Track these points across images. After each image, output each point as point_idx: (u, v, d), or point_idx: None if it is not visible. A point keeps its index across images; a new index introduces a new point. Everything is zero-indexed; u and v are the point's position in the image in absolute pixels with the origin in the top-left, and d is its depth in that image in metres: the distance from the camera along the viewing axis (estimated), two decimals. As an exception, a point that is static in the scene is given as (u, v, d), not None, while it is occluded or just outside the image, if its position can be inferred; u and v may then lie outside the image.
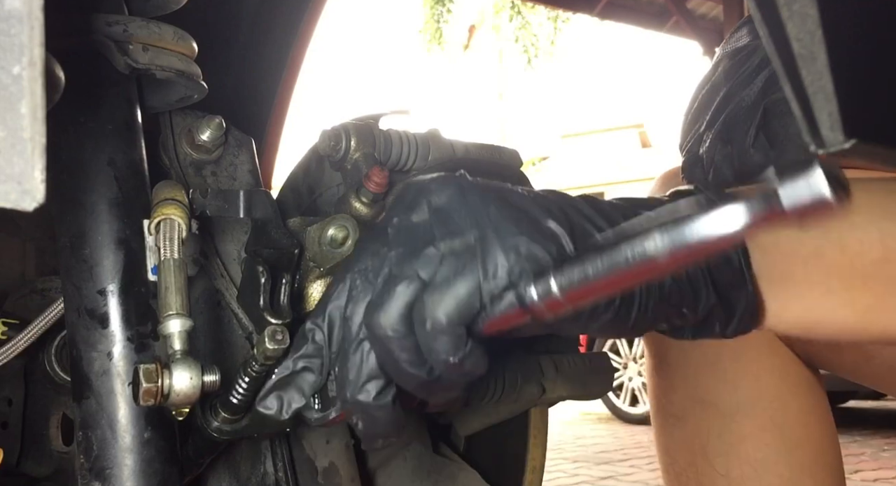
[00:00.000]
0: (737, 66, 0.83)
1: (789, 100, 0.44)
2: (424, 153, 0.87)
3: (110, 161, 0.72)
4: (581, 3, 7.79)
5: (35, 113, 0.35)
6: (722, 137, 0.81)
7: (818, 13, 0.42)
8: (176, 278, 0.65)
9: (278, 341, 0.62)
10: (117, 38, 0.75)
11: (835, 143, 0.42)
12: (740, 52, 0.84)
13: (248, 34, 1.50)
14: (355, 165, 0.82)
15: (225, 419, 0.69)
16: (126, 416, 0.68)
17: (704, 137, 0.84)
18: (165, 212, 0.69)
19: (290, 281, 0.76)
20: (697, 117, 0.86)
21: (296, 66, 1.60)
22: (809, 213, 0.38)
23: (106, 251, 0.70)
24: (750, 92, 0.79)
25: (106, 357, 0.68)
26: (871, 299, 0.58)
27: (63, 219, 0.71)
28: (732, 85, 0.82)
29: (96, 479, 0.67)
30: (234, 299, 0.81)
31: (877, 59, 0.45)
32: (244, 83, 1.52)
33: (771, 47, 0.44)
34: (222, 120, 0.85)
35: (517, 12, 21.23)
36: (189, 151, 0.85)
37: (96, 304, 0.69)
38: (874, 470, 4.21)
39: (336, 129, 0.84)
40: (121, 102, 0.76)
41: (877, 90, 0.45)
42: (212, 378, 0.63)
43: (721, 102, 0.82)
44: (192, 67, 0.81)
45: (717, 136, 0.81)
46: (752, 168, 0.77)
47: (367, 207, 0.78)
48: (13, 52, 0.34)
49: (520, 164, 0.96)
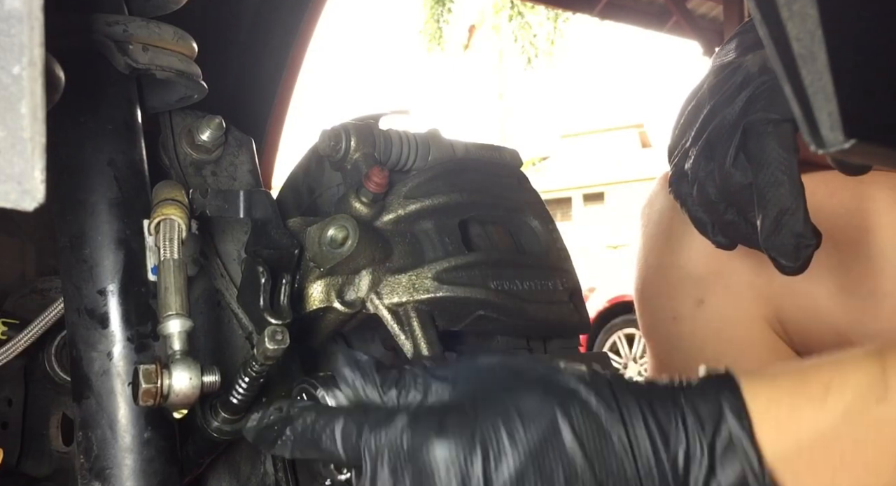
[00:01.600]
0: (721, 83, 0.83)
1: (789, 100, 0.44)
2: (424, 153, 0.87)
3: (110, 161, 0.72)
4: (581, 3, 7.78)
5: (35, 113, 0.35)
6: (705, 154, 0.82)
7: (818, 13, 0.42)
8: (176, 278, 0.65)
9: (278, 342, 0.62)
10: (117, 38, 0.75)
11: (835, 143, 0.42)
12: (725, 69, 0.85)
13: (248, 34, 1.50)
14: (355, 165, 0.82)
15: (225, 419, 0.69)
16: (126, 416, 0.68)
17: (690, 152, 0.84)
18: (165, 212, 0.69)
19: (291, 281, 0.76)
20: (684, 132, 0.87)
21: (296, 66, 1.60)
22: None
23: (106, 251, 0.70)
24: (731, 111, 0.80)
25: (106, 357, 0.68)
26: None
27: (63, 219, 0.71)
28: (716, 102, 0.83)
29: (96, 479, 0.67)
30: (234, 299, 0.81)
31: (877, 59, 0.45)
32: (244, 83, 1.52)
33: (771, 47, 0.44)
34: (222, 120, 0.85)
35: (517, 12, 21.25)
36: (189, 151, 0.85)
37: (96, 304, 0.69)
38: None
39: (336, 129, 0.84)
40: (121, 102, 0.76)
41: (877, 90, 0.45)
42: (211, 379, 0.63)
43: (705, 119, 0.83)
44: (192, 67, 0.81)
45: (701, 152, 0.82)
46: (732, 187, 0.78)
47: (367, 207, 0.78)
48: (13, 52, 0.34)
49: (520, 164, 0.96)
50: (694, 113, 0.86)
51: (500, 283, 0.81)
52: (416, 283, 0.77)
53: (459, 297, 0.78)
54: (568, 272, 0.89)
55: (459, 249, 0.81)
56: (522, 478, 0.54)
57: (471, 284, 0.78)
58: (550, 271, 0.86)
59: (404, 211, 0.80)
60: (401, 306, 0.77)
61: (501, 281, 0.81)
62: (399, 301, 0.77)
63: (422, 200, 0.81)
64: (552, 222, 0.92)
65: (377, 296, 0.77)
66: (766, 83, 0.78)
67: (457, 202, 0.84)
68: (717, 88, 0.84)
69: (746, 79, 0.81)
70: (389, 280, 0.77)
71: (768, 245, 0.75)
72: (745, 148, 0.77)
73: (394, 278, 0.77)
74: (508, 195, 0.89)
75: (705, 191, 0.82)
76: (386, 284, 0.77)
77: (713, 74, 0.86)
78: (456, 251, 0.80)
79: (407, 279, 0.77)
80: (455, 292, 0.77)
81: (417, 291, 0.77)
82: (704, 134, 0.82)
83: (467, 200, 0.85)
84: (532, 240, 0.90)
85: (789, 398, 0.56)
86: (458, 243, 0.81)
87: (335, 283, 0.77)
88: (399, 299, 0.77)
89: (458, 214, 0.84)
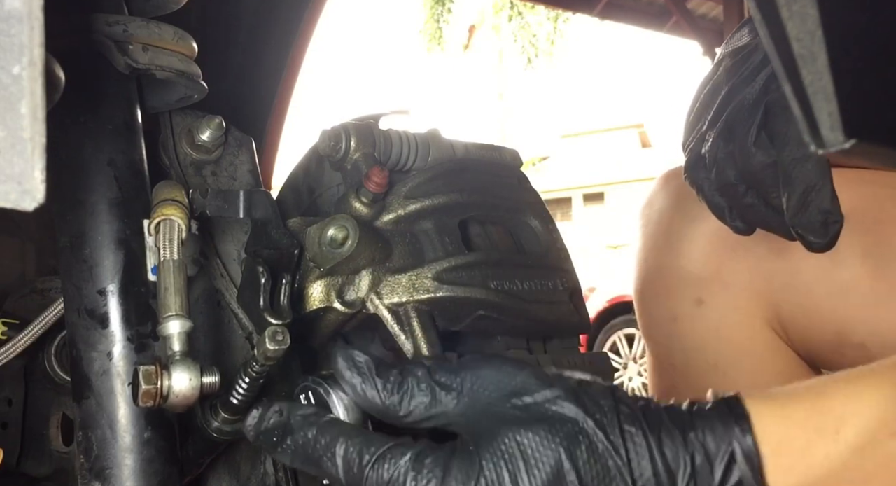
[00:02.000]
0: (738, 65, 0.83)
1: (789, 100, 0.44)
2: (424, 153, 0.87)
3: (110, 161, 0.72)
4: (581, 3, 7.78)
5: (35, 113, 0.35)
6: (724, 135, 0.81)
7: (818, 13, 0.42)
8: (176, 278, 0.65)
9: (279, 342, 0.62)
10: (117, 38, 0.75)
11: (835, 143, 0.42)
12: (741, 51, 0.84)
13: (248, 34, 1.50)
14: (355, 165, 0.82)
15: (225, 419, 0.69)
16: (126, 416, 0.68)
17: (707, 135, 0.83)
18: (165, 212, 0.69)
19: (290, 281, 0.76)
20: (700, 116, 0.86)
21: (296, 66, 1.60)
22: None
23: (106, 251, 0.70)
24: (751, 90, 0.79)
25: (106, 357, 0.68)
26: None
27: (63, 219, 0.71)
28: (734, 83, 0.82)
29: (96, 479, 0.67)
30: (234, 300, 0.81)
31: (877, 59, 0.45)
32: (244, 83, 1.52)
33: (771, 47, 0.44)
34: (222, 120, 0.85)
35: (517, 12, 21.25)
36: (189, 151, 0.85)
37: (96, 304, 0.69)
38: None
39: (336, 129, 0.84)
40: (121, 102, 0.76)
41: (877, 90, 0.45)
42: (211, 379, 0.63)
43: (723, 101, 0.82)
44: (192, 67, 0.81)
45: (720, 134, 0.81)
46: (754, 167, 0.77)
47: (367, 207, 0.78)
48: (13, 52, 0.34)
49: (520, 164, 0.96)
50: (710, 96, 0.86)
51: (500, 283, 0.81)
52: (417, 283, 0.77)
53: (459, 297, 0.78)
54: (568, 272, 0.89)
55: (459, 249, 0.81)
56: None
57: (471, 284, 0.78)
58: (550, 271, 0.86)
59: (404, 211, 0.80)
60: (401, 306, 0.77)
61: (501, 281, 0.81)
62: (399, 301, 0.77)
63: (422, 200, 0.81)
64: (552, 222, 0.92)
65: (377, 296, 0.77)
66: None
67: (457, 202, 0.84)
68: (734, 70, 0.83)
69: (765, 59, 0.80)
70: (389, 280, 0.77)
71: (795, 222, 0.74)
72: (767, 126, 0.76)
73: (394, 278, 0.77)
74: (508, 195, 0.89)
75: (724, 174, 0.81)
76: (386, 284, 0.77)
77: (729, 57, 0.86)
78: (456, 251, 0.80)
79: (407, 279, 0.77)
80: (455, 292, 0.77)
81: (417, 291, 0.77)
82: (723, 116, 0.81)
83: (467, 200, 0.85)
84: (532, 240, 0.90)
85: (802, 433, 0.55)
86: (458, 243, 0.81)
87: (335, 283, 0.77)
88: (399, 299, 0.77)
89: (458, 214, 0.84)
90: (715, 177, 0.82)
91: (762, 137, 0.76)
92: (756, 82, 0.79)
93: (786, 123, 0.74)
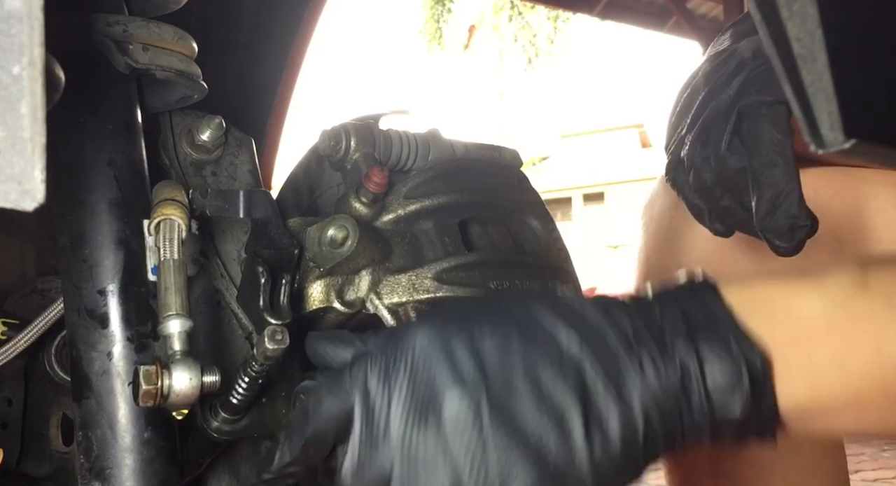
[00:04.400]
0: (716, 70, 0.84)
1: (789, 100, 0.44)
2: (424, 153, 0.87)
3: (110, 161, 0.72)
4: (581, 3, 7.79)
5: (35, 113, 0.35)
6: (701, 139, 0.82)
7: (818, 13, 0.42)
8: (176, 278, 0.65)
9: (278, 342, 0.62)
10: (117, 38, 0.75)
11: (835, 143, 0.42)
12: (720, 56, 0.85)
13: (248, 34, 1.50)
14: (355, 165, 0.82)
15: (225, 419, 0.69)
16: (126, 416, 0.68)
17: (685, 139, 0.84)
18: (165, 212, 0.69)
19: (290, 281, 0.76)
20: (679, 120, 0.87)
21: (296, 66, 1.60)
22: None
23: (106, 251, 0.70)
24: (726, 96, 0.80)
25: (106, 357, 0.69)
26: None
27: (63, 219, 0.71)
28: (711, 88, 0.83)
29: (96, 479, 0.67)
30: (234, 299, 0.81)
31: (877, 59, 0.45)
32: (244, 83, 1.52)
33: (771, 47, 0.44)
34: (222, 120, 0.85)
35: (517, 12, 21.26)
36: (189, 151, 0.85)
37: (96, 304, 0.69)
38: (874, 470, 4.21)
39: (336, 129, 0.84)
40: (121, 102, 0.76)
41: (877, 90, 0.45)
42: (211, 378, 0.63)
43: (700, 105, 0.83)
44: (192, 67, 0.81)
45: (697, 138, 0.82)
46: (728, 171, 0.78)
47: (367, 207, 0.78)
48: (13, 52, 0.34)
49: (520, 164, 0.96)
50: (689, 101, 0.87)
51: (501, 283, 0.81)
52: (416, 283, 0.77)
53: (459, 297, 0.78)
54: (568, 272, 0.89)
55: (459, 249, 0.81)
56: (508, 348, 0.55)
57: (471, 284, 0.78)
58: (550, 271, 0.86)
59: (404, 211, 0.80)
60: (401, 306, 0.77)
61: (502, 281, 0.81)
62: (399, 301, 0.77)
63: (422, 200, 0.81)
64: (552, 222, 0.92)
65: (377, 296, 0.77)
66: (759, 67, 0.78)
67: (457, 202, 0.84)
68: (711, 75, 0.84)
69: (740, 64, 0.81)
70: (389, 280, 0.77)
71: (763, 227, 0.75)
72: (740, 132, 0.77)
73: (394, 278, 0.77)
74: (508, 195, 0.89)
75: (701, 177, 0.82)
76: (386, 284, 0.77)
77: (708, 62, 0.87)
78: (456, 251, 0.80)
79: (407, 279, 0.77)
80: (455, 292, 0.77)
81: (417, 291, 0.77)
82: (700, 120, 0.82)
83: (467, 200, 0.85)
84: (532, 240, 0.90)
85: (767, 291, 0.57)
86: (458, 243, 0.81)
87: (335, 283, 0.77)
88: (399, 299, 0.77)
89: (458, 214, 0.84)
90: (693, 180, 0.83)
91: (735, 142, 0.77)
92: (730, 88, 0.80)
93: (756, 128, 0.75)
